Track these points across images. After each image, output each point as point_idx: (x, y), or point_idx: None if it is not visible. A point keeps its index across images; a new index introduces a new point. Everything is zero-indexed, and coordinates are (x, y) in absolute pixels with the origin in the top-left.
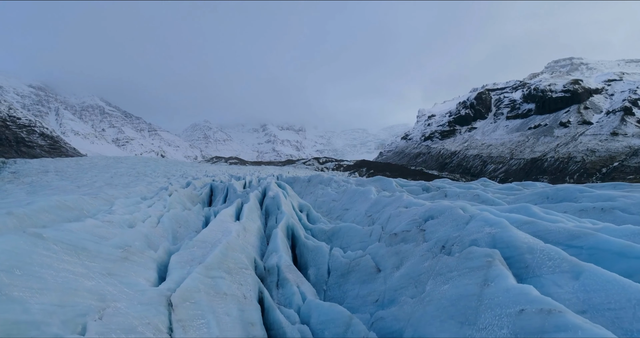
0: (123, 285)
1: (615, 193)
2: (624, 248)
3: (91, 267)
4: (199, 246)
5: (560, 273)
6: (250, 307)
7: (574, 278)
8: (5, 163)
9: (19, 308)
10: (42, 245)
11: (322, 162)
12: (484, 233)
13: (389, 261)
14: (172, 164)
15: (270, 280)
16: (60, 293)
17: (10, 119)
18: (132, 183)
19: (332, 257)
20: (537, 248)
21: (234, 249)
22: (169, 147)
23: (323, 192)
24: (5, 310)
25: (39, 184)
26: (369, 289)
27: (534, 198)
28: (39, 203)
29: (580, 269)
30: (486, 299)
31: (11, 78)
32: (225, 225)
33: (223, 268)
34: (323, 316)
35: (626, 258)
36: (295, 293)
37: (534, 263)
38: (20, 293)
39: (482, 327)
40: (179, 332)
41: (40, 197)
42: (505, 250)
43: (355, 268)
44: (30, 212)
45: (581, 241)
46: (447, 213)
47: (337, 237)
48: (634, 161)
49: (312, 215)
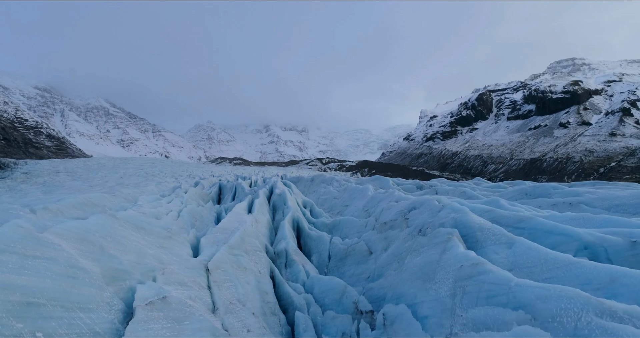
0: (172, 254)
1: (582, 190)
2: (552, 228)
3: (149, 240)
4: (221, 232)
5: (499, 244)
6: (264, 280)
7: (508, 248)
8: (17, 164)
9: (116, 260)
10: (117, 223)
11: (324, 163)
12: (450, 218)
13: (379, 245)
14: (178, 164)
15: (279, 261)
16: (136, 255)
17: (18, 120)
18: (142, 183)
19: (332, 244)
20: (486, 227)
21: (250, 235)
22: (173, 147)
23: (325, 191)
24: (109, 261)
25: (52, 184)
26: (362, 269)
27: (515, 194)
28: (69, 200)
29: (512, 241)
30: (442, 262)
31: (17, 80)
32: (241, 216)
33: (242, 249)
34: (323, 286)
35: (553, 235)
36: (301, 271)
37: (482, 238)
38: (114, 252)
39: (437, 281)
40: (215, 289)
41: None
42: (462, 230)
43: (351, 252)
44: (62, 207)
45: (524, 223)
46: (426, 205)
47: (337, 228)
48: (630, 161)
49: (315, 210)
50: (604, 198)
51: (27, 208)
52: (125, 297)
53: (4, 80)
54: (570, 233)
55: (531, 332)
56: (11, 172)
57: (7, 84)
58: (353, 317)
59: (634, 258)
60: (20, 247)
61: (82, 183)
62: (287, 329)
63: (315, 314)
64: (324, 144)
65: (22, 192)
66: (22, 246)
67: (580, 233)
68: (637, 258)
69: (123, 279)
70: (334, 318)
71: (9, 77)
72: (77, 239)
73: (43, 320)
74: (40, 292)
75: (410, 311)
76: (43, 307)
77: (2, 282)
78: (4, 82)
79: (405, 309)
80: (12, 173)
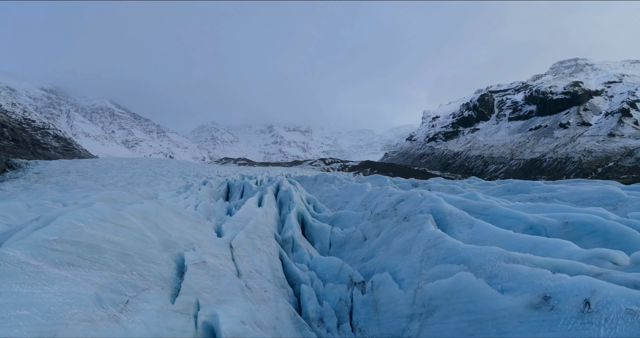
0: (203, 234)
1: (557, 187)
2: (507, 213)
3: (185, 222)
4: (237, 221)
5: (463, 225)
6: (275, 260)
7: (469, 228)
8: (28, 164)
9: (167, 234)
10: (163, 208)
11: (327, 163)
12: (427, 206)
13: (373, 232)
14: (184, 165)
15: (287, 246)
16: (178, 232)
17: (26, 121)
18: (152, 183)
19: (332, 233)
20: (454, 213)
21: (261, 224)
22: (177, 148)
23: (327, 189)
24: (163, 234)
25: (65, 183)
26: (358, 252)
27: (499, 190)
28: (94, 196)
29: (473, 223)
30: (417, 239)
31: (23, 81)
32: (252, 208)
33: (256, 234)
34: (325, 265)
35: (508, 218)
36: (305, 254)
37: (451, 221)
38: (164, 228)
39: (412, 253)
40: (238, 261)
41: (91, 193)
42: (436, 215)
43: (349, 239)
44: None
45: (488, 211)
46: (411, 197)
47: (337, 221)
48: (628, 161)
49: (318, 206)
50: (573, 193)
51: (59, 203)
52: (177, 260)
53: (11, 82)
54: (520, 217)
55: (464, 275)
56: (23, 172)
57: (13, 85)
58: (348, 286)
59: (565, 235)
60: (112, 219)
61: (94, 182)
62: (294, 300)
63: (318, 286)
64: (327, 145)
65: (37, 191)
66: (112, 218)
67: (527, 217)
68: (567, 234)
69: (173, 247)
70: (333, 288)
71: (15, 79)
72: (140, 217)
73: (135, 265)
74: (129, 248)
75: (392, 277)
76: (133, 257)
77: (108, 239)
78: (10, 84)
79: (388, 276)
80: (24, 174)
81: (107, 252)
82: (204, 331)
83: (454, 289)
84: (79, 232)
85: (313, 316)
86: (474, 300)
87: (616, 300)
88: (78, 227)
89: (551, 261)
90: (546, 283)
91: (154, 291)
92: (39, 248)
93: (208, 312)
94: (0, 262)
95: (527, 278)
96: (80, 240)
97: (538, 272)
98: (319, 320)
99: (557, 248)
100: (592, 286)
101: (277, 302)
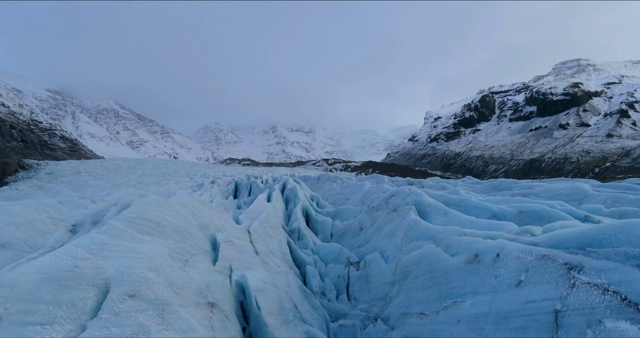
0: (226, 222)
1: (535, 184)
2: (477, 204)
3: (212, 212)
4: (251, 213)
5: (438, 214)
6: (284, 245)
7: (444, 216)
8: (39, 165)
9: (201, 219)
10: (194, 199)
11: (330, 163)
12: (412, 199)
13: (368, 223)
14: (190, 165)
15: (293, 236)
16: (208, 218)
17: (33, 122)
18: (161, 182)
19: (334, 225)
20: (433, 204)
21: (272, 216)
22: (181, 149)
23: (330, 188)
24: (198, 218)
25: (78, 183)
26: (355, 241)
27: (485, 188)
28: (115, 194)
29: (446, 212)
30: (401, 225)
31: (29, 82)
32: (263, 203)
33: (268, 224)
34: (326, 250)
35: (477, 209)
36: (310, 241)
37: (430, 211)
38: (199, 214)
39: (396, 236)
40: (255, 243)
41: (112, 191)
42: (418, 206)
43: (348, 230)
44: (113, 199)
45: (462, 203)
46: (401, 192)
47: (338, 215)
48: (624, 161)
49: (321, 203)
50: (548, 190)
51: (88, 199)
52: (210, 238)
53: (17, 83)
54: (486, 207)
55: (429, 246)
56: (35, 172)
57: (20, 86)
58: (345, 266)
59: (520, 220)
60: (165, 205)
61: (105, 182)
62: (300, 279)
63: (320, 267)
64: (330, 145)
65: (52, 190)
66: (165, 204)
67: (492, 207)
68: (522, 220)
69: (207, 229)
70: (333, 268)
71: (21, 80)
72: (182, 205)
73: (185, 238)
74: (180, 226)
75: (380, 255)
76: (182, 233)
77: (166, 219)
78: (17, 85)
79: (377, 255)
80: (36, 174)
81: (166, 227)
82: (236, 287)
83: (421, 257)
84: (148, 212)
85: (316, 290)
86: (434, 263)
87: (512, 252)
88: (147, 209)
89: (487, 233)
90: (478, 247)
91: (201, 256)
92: (127, 222)
93: (239, 274)
94: (112, 228)
95: (468, 244)
96: (150, 218)
97: (475, 240)
98: (321, 294)
99: (502, 228)
100: (502, 245)
101: (287, 275)
